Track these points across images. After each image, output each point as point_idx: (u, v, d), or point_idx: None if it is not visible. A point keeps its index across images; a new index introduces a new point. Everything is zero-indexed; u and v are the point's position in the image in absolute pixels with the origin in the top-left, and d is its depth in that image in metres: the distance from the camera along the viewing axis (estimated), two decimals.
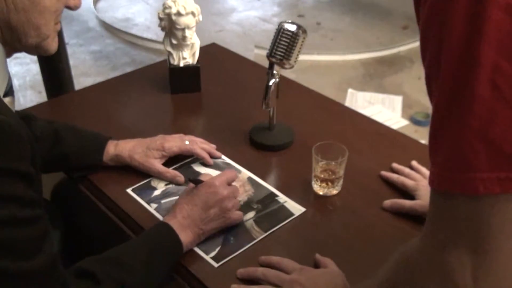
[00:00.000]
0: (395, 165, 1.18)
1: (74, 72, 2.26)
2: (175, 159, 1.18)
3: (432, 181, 0.56)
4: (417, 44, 3.42)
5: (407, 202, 1.06)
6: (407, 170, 1.16)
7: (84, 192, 1.14)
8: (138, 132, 1.23)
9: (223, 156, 1.22)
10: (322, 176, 1.10)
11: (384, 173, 1.16)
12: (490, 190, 0.51)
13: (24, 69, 3.16)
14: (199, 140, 1.22)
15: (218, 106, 1.44)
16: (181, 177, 1.14)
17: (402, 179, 1.12)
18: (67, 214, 1.23)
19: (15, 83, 3.06)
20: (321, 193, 1.11)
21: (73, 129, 1.16)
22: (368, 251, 0.98)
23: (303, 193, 1.12)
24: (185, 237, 0.94)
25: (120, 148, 1.14)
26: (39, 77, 2.32)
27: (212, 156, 1.20)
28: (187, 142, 1.18)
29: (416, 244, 0.62)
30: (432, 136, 0.56)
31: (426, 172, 1.14)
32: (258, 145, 1.25)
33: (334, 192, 1.11)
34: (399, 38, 3.50)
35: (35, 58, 2.20)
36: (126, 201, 1.09)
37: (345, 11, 4.02)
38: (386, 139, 1.30)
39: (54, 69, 2.14)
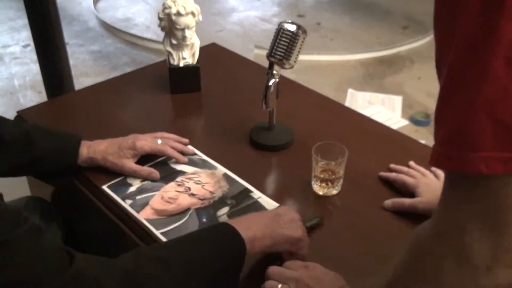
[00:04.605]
0: (392, 165, 1.17)
1: (74, 72, 2.26)
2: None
3: (432, 158, 0.54)
4: (417, 44, 3.43)
5: (407, 200, 1.06)
6: (405, 168, 1.15)
7: (84, 192, 1.14)
8: (138, 132, 1.23)
9: (198, 152, 1.22)
10: (322, 176, 1.10)
11: (383, 173, 1.16)
12: (493, 171, 0.49)
13: (24, 69, 3.16)
14: (172, 137, 1.21)
15: (218, 106, 1.44)
16: (156, 173, 1.14)
17: (401, 176, 1.12)
18: (67, 214, 1.23)
19: (15, 83, 3.06)
20: (321, 193, 1.11)
21: (44, 131, 1.13)
22: (368, 251, 0.98)
23: (303, 193, 1.12)
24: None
25: (93, 150, 1.13)
26: (39, 77, 2.31)
27: (184, 154, 1.20)
28: (159, 141, 1.18)
29: (427, 228, 0.60)
30: (439, 108, 0.54)
31: (425, 170, 1.14)
32: (258, 145, 1.25)
33: (334, 192, 1.11)
34: (399, 38, 3.50)
35: (35, 58, 2.19)
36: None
37: (345, 11, 4.01)
38: (386, 139, 1.30)
39: (54, 69, 2.14)
